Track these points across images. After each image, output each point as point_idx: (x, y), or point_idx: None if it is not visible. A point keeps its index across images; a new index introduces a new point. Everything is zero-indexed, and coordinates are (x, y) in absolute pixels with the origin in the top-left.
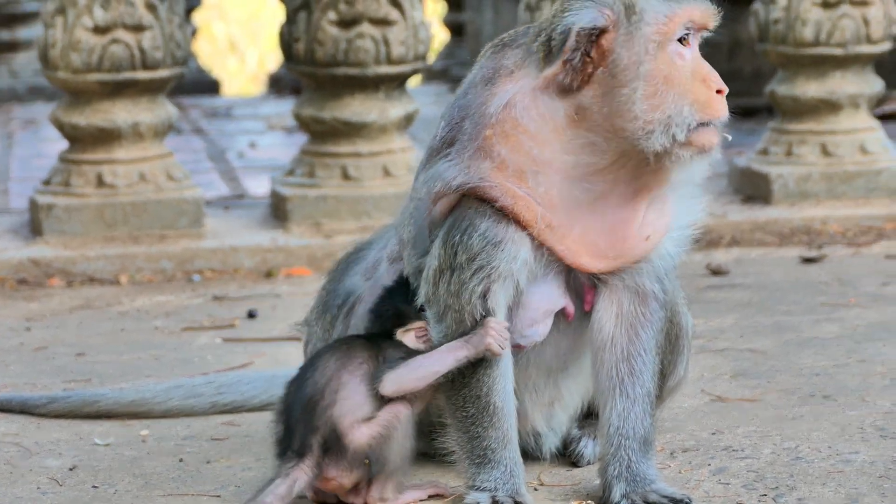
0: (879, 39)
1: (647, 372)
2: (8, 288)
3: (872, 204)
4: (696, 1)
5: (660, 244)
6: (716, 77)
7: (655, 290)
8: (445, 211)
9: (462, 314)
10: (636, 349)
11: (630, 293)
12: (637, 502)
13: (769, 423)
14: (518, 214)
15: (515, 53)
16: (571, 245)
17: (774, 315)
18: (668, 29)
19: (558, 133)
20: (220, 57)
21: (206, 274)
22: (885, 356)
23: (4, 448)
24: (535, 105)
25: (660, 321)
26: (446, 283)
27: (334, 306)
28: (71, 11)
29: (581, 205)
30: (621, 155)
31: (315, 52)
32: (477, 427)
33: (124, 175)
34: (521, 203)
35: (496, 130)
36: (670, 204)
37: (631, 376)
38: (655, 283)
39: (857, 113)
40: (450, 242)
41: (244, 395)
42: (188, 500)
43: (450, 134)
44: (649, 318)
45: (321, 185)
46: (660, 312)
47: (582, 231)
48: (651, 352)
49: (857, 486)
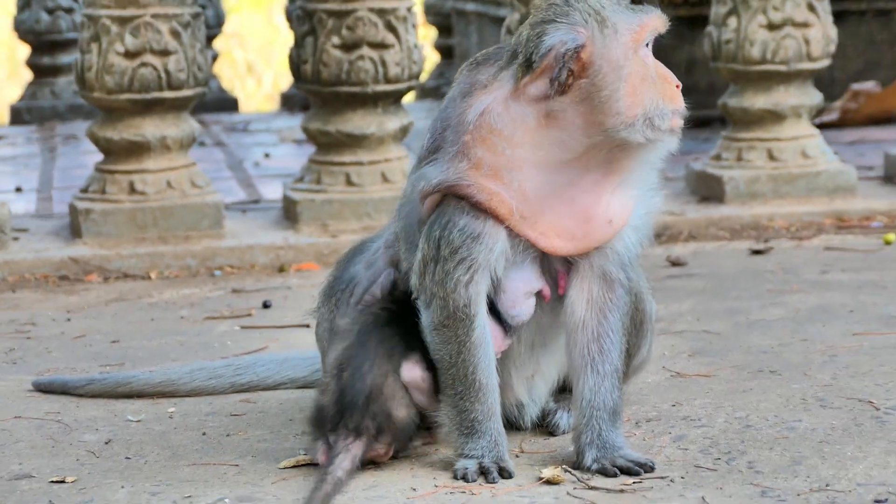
0: (819, 57)
1: (615, 351)
2: (51, 284)
3: (813, 202)
4: (656, 11)
5: (623, 235)
6: (672, 75)
7: (621, 277)
8: (431, 208)
9: (447, 301)
10: (604, 330)
11: (598, 281)
12: (606, 465)
13: (722, 396)
14: (493, 209)
15: (489, 70)
16: (544, 230)
17: (726, 300)
18: (639, 36)
19: (529, 134)
20: (240, 79)
21: (225, 269)
22: (824, 336)
23: (47, 425)
24: (508, 112)
25: (625, 305)
26: (431, 274)
27: (338, 290)
28: (104, 39)
29: (551, 194)
30: (589, 147)
31: (321, 73)
32: (465, 402)
33: (153, 183)
34: (496, 199)
35: (474, 136)
36: (633, 196)
37: (600, 355)
38: (620, 271)
39: (799, 122)
40: (433, 237)
41: (259, 375)
42: (210, 469)
43: (433, 143)
44: (616, 302)
45: (327, 190)
46: (625, 297)
47: (553, 217)
48: (618, 333)
49: (801, 450)
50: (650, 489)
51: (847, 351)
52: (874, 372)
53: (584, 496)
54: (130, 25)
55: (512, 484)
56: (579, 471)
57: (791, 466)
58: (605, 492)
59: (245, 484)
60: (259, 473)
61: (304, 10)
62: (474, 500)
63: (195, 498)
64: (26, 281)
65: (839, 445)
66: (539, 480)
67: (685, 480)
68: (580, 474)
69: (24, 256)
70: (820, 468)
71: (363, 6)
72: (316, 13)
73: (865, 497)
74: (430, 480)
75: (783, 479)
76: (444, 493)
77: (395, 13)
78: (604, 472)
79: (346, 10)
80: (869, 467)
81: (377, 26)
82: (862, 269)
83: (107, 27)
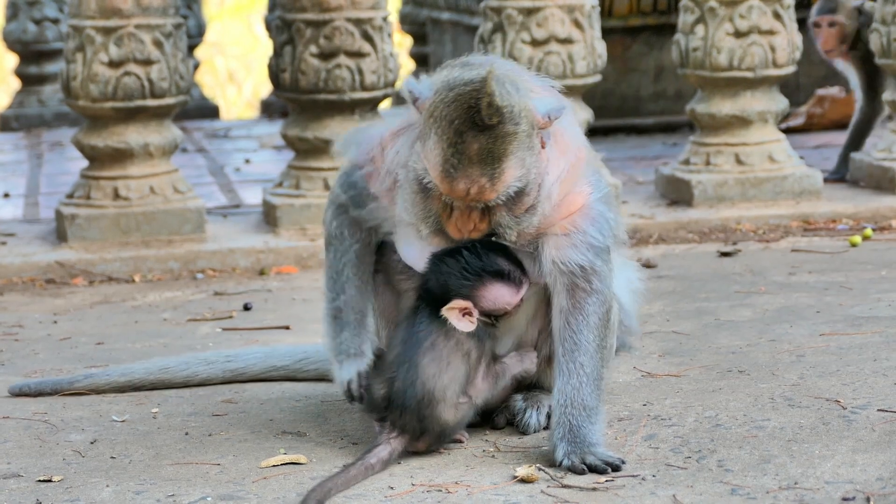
0: (784, 64)
1: (581, 350)
2: (37, 287)
3: (779, 205)
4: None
5: (566, 249)
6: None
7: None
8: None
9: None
10: (569, 333)
11: (564, 290)
12: (575, 462)
13: (692, 396)
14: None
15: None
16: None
17: (696, 302)
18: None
19: None
20: (221, 86)
21: (207, 273)
22: (791, 336)
23: (34, 425)
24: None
25: (590, 307)
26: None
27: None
28: (89, 48)
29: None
30: None
31: (299, 81)
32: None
33: (137, 189)
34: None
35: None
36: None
37: (566, 355)
38: (578, 278)
39: (766, 127)
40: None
41: (247, 363)
42: (193, 468)
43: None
44: (580, 307)
45: (306, 195)
46: (589, 300)
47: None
48: (583, 333)
49: (769, 448)
50: (622, 487)
51: (814, 351)
52: (841, 372)
53: (558, 494)
54: (114, 36)
55: (487, 482)
56: (553, 468)
57: (760, 465)
58: (578, 490)
59: (227, 482)
60: (241, 472)
61: (282, 20)
62: (450, 498)
63: (178, 496)
64: (13, 284)
65: (807, 444)
66: (514, 479)
67: (656, 479)
68: (553, 472)
69: (12, 260)
70: (789, 466)
71: (340, 16)
72: (294, 23)
73: (833, 495)
74: (408, 479)
75: (753, 477)
76: (420, 491)
77: (371, 23)
78: (573, 468)
79: (323, 20)
80: (837, 465)
81: (354, 35)
82: (828, 270)
83: (91, 37)
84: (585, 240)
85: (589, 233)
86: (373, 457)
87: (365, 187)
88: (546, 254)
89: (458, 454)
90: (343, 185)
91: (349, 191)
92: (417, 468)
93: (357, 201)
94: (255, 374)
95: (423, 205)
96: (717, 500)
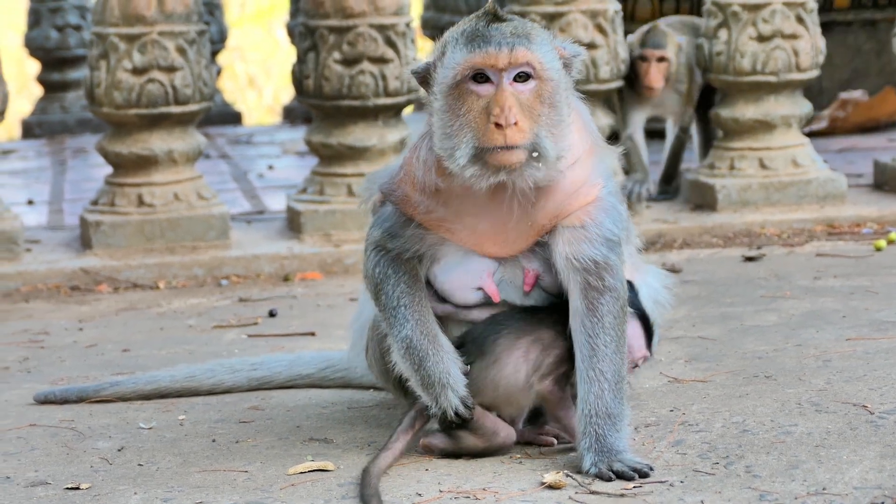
0: (808, 68)
1: (606, 356)
2: (62, 294)
3: (804, 209)
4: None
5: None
6: (504, 111)
7: (591, 281)
8: (379, 203)
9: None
10: (593, 337)
11: (577, 290)
12: (603, 469)
13: (719, 401)
14: (420, 221)
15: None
16: (477, 240)
17: (721, 307)
18: (459, 72)
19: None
20: (242, 92)
21: (232, 279)
22: (818, 341)
23: (62, 433)
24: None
25: (604, 307)
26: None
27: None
28: (113, 56)
29: (474, 208)
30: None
31: (322, 87)
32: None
33: (161, 195)
34: (420, 211)
35: (409, 156)
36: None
37: (591, 360)
38: (589, 275)
39: (790, 131)
40: (369, 234)
41: (272, 370)
42: (220, 475)
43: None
44: (593, 308)
45: (330, 201)
46: (602, 300)
47: (485, 227)
48: (607, 337)
49: (797, 454)
50: (650, 493)
51: (840, 356)
52: (867, 377)
53: (586, 501)
54: (138, 43)
55: (515, 488)
56: (580, 475)
57: (788, 470)
58: (606, 496)
59: (254, 490)
60: (268, 479)
61: (305, 27)
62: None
63: (206, 503)
64: (39, 291)
65: (835, 449)
66: (542, 485)
67: (684, 484)
68: (581, 479)
69: (37, 268)
70: (816, 472)
71: (363, 22)
72: (317, 29)
73: (862, 500)
74: (436, 486)
75: (780, 482)
76: (448, 497)
77: (394, 28)
78: (600, 476)
79: (346, 26)
80: (865, 471)
81: (377, 41)
82: (853, 274)
83: (115, 45)
84: (601, 232)
85: (605, 224)
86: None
87: (399, 215)
88: (559, 250)
89: (485, 461)
90: (376, 223)
91: (384, 224)
92: (445, 474)
93: (393, 232)
94: (280, 383)
95: (457, 122)
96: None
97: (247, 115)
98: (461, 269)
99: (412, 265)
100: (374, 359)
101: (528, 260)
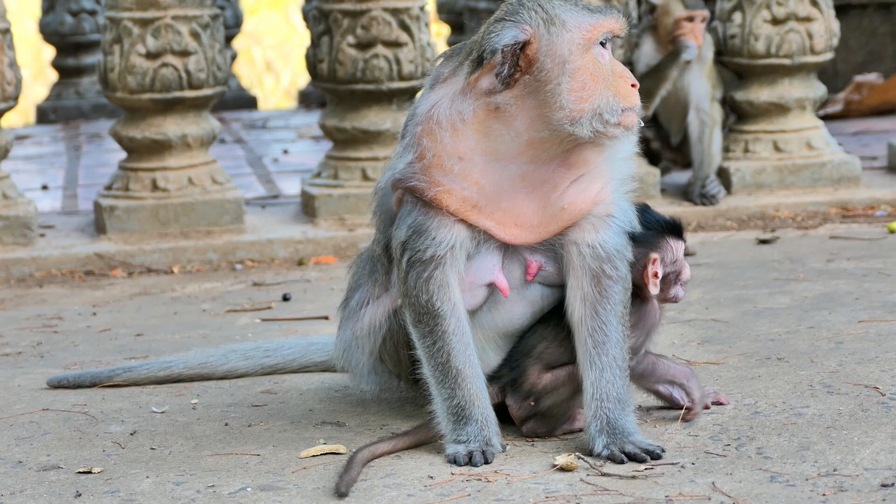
0: (822, 50)
1: (611, 342)
2: (76, 279)
3: (818, 192)
4: (613, 13)
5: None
6: (629, 74)
7: (606, 270)
8: (396, 203)
9: (413, 300)
10: (598, 324)
11: (588, 277)
12: (615, 451)
13: (731, 383)
14: (439, 201)
15: (452, 63)
16: (500, 219)
17: (734, 289)
18: (591, 35)
19: (476, 126)
20: (259, 77)
21: (246, 263)
22: (830, 323)
23: (74, 417)
24: (454, 105)
25: (618, 296)
26: (397, 272)
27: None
28: (126, 40)
29: (506, 184)
30: (538, 140)
31: (337, 72)
32: (448, 390)
33: (175, 180)
34: (443, 191)
35: (423, 127)
36: (597, 183)
37: (596, 348)
38: (606, 264)
39: (804, 114)
40: (395, 236)
41: (286, 357)
42: (233, 459)
43: (403, 133)
44: (606, 295)
45: (344, 185)
46: (616, 289)
47: (509, 205)
48: (613, 324)
49: (808, 435)
50: (662, 475)
51: (853, 338)
52: (880, 358)
53: (597, 482)
54: (151, 27)
55: (527, 471)
56: (592, 458)
57: (799, 452)
58: (618, 478)
59: (267, 473)
60: (280, 463)
61: (319, 11)
62: (489, 487)
63: (218, 487)
64: (53, 276)
65: (846, 431)
66: (553, 467)
67: (696, 466)
68: (593, 461)
69: (51, 253)
70: (828, 453)
71: (377, 6)
72: (331, 13)
73: (872, 481)
74: (447, 469)
75: (791, 464)
76: (460, 479)
77: (408, 12)
78: (612, 458)
79: (360, 9)
80: (875, 452)
81: (391, 25)
82: (867, 257)
83: (129, 29)
84: (625, 220)
85: (628, 213)
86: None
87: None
88: (576, 237)
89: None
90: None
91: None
92: None
93: (418, 226)
94: (294, 369)
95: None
96: (756, 487)
97: (264, 100)
98: (472, 267)
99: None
100: (389, 354)
101: (530, 251)
